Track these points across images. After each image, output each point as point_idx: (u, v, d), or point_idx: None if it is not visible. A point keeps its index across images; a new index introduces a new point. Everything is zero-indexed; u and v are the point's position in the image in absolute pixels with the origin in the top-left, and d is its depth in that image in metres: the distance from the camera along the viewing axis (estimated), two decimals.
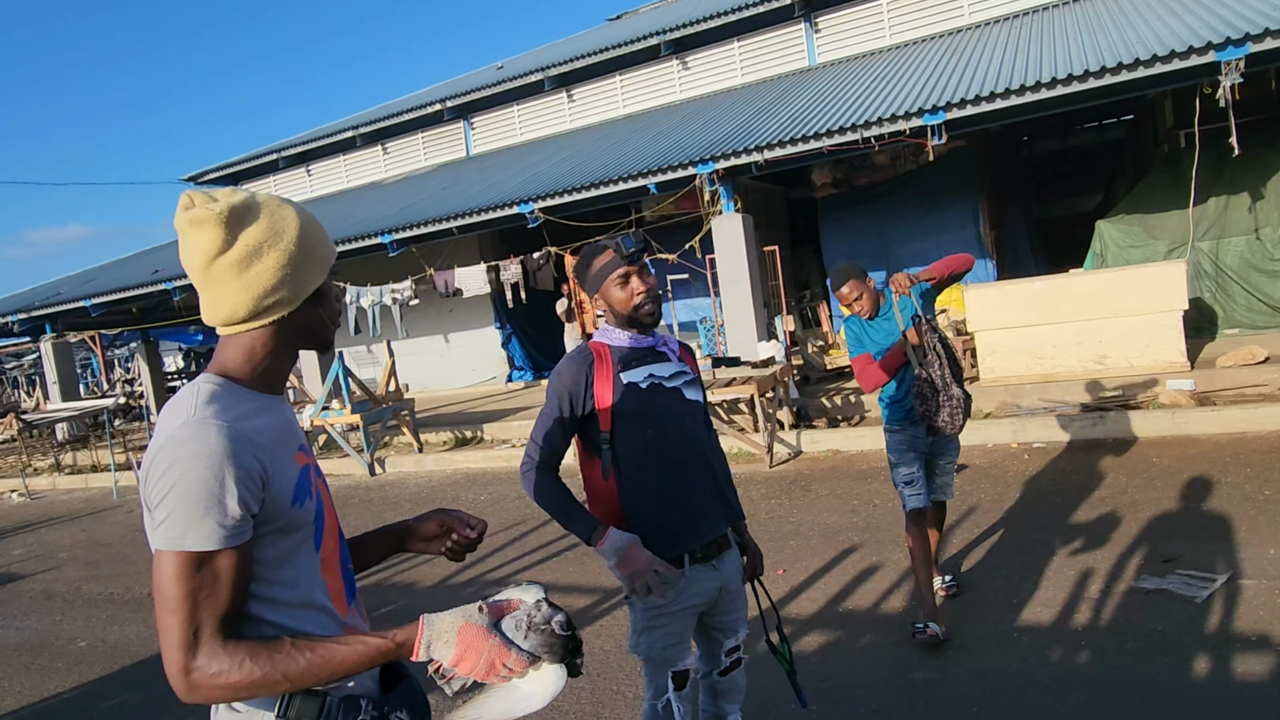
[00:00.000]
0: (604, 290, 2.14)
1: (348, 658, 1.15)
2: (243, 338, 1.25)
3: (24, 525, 9.27)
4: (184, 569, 1.10)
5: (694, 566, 2.10)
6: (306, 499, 1.24)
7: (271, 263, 1.21)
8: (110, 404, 14.34)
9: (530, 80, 14.61)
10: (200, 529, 1.10)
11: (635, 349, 2.15)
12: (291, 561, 1.23)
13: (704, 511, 2.13)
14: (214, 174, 18.54)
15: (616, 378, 2.10)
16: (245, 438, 1.15)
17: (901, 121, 7.89)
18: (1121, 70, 7.08)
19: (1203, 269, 8.61)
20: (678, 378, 2.17)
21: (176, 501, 1.10)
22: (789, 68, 13.00)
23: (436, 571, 5.27)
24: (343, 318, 1.46)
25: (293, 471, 1.23)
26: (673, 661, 2.12)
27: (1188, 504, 4.71)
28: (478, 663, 1.16)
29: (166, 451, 1.12)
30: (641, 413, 2.09)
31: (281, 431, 1.25)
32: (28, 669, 4.65)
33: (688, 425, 2.16)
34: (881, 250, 11.39)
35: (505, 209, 10.16)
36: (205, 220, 1.19)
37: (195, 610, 1.10)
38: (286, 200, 1.27)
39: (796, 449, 7.48)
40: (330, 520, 1.32)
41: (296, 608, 1.22)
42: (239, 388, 1.23)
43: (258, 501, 1.15)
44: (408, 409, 10.02)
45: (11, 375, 27.78)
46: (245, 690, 1.12)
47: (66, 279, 17.72)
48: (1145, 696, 2.87)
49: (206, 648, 1.11)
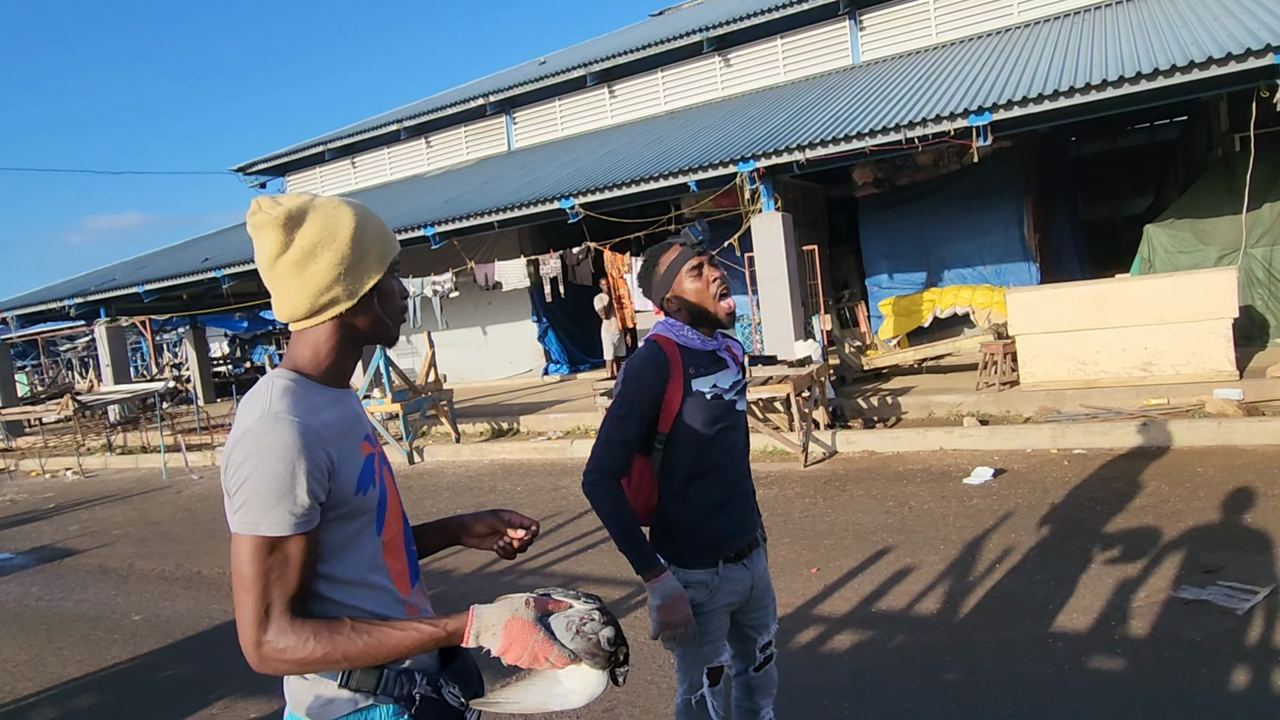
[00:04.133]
0: (677, 285, 2.08)
1: (402, 642, 1.24)
2: (308, 334, 1.34)
3: (79, 502, 9.62)
4: (258, 552, 1.20)
5: (727, 566, 2.12)
6: (370, 487, 1.32)
7: (325, 263, 1.29)
8: (160, 388, 14.76)
9: (572, 76, 14.70)
10: (272, 516, 1.19)
11: (703, 353, 2.11)
12: (355, 545, 1.31)
13: (741, 519, 2.17)
14: (261, 165, 18.94)
15: (687, 384, 2.06)
16: (315, 432, 1.23)
17: (946, 122, 7.83)
18: (1175, 73, 6.95)
19: (1255, 276, 8.42)
20: (734, 389, 2.16)
21: (252, 489, 1.19)
22: (832, 66, 12.92)
23: (474, 560, 5.39)
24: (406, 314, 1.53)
25: (358, 461, 1.31)
26: (708, 658, 2.13)
27: (1231, 515, 4.64)
28: (522, 654, 1.24)
29: (244, 444, 1.21)
30: (701, 424, 2.07)
31: (348, 423, 1.33)
32: (86, 640, 4.86)
33: (733, 436, 2.16)
34: (921, 251, 11.28)
35: (546, 204, 10.27)
36: (266, 224, 1.28)
37: (267, 589, 1.20)
38: (346, 201, 1.34)
39: (831, 449, 7.48)
40: (393, 506, 1.40)
41: (359, 587, 1.31)
42: (309, 382, 1.31)
43: (325, 491, 1.24)
44: (446, 399, 10.18)
45: (66, 357, 28.69)
46: (308, 665, 1.22)
47: (121, 265, 18.26)
48: (1182, 707, 2.86)
49: (276, 625, 1.20)
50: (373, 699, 1.29)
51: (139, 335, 24.28)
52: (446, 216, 11.18)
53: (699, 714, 2.15)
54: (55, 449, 14.00)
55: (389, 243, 1.37)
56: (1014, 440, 6.84)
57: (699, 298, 2.07)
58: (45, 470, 12.50)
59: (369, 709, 1.29)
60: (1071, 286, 8.11)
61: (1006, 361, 8.10)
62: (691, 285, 2.06)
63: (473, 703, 1.36)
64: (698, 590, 2.08)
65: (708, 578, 2.08)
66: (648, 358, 2.07)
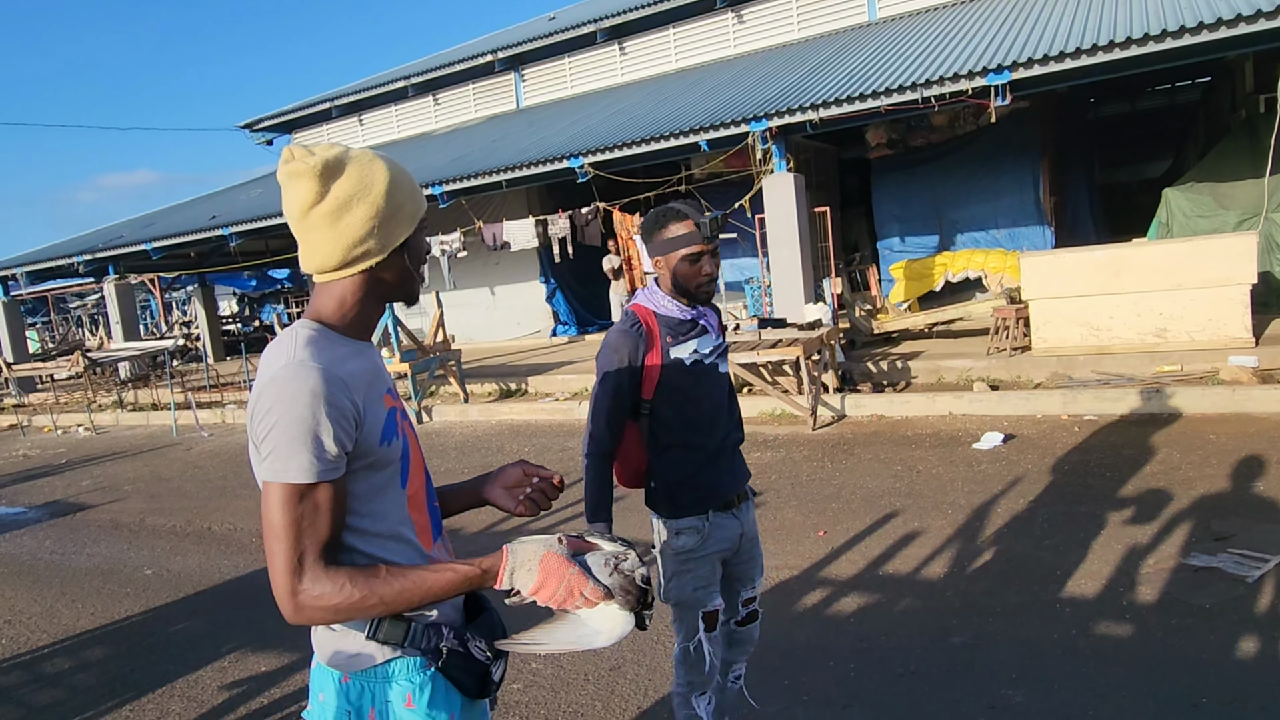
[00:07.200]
0: (670, 259, 2.15)
1: (437, 583, 1.23)
2: (334, 286, 1.32)
3: (91, 458, 9.71)
4: (287, 500, 1.19)
5: (717, 514, 2.24)
6: (394, 438, 1.32)
7: (360, 214, 1.27)
8: (170, 345, 14.82)
9: (582, 32, 14.44)
10: (300, 462, 1.18)
11: (682, 321, 2.21)
12: (380, 497, 1.31)
13: (728, 474, 2.29)
14: (268, 121, 18.77)
15: (665, 352, 2.17)
16: (339, 380, 1.22)
17: (964, 81, 7.65)
18: (1202, 30, 6.76)
19: (1274, 241, 8.27)
20: (714, 352, 2.26)
21: (280, 437, 1.18)
22: (848, 22, 12.64)
23: (482, 519, 5.42)
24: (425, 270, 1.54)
25: (381, 412, 1.31)
26: (702, 603, 2.22)
27: (1243, 482, 4.60)
28: (558, 589, 1.22)
29: (270, 391, 1.20)
30: (683, 389, 2.18)
31: (371, 374, 1.33)
32: (99, 593, 4.92)
33: (717, 397, 2.28)
34: (934, 214, 11.14)
35: (555, 163, 10.15)
36: (301, 174, 1.26)
37: (299, 538, 1.19)
38: (379, 155, 1.32)
39: (840, 412, 7.45)
40: (416, 460, 1.40)
41: (385, 539, 1.31)
42: (332, 333, 1.31)
43: (351, 439, 1.23)
44: (455, 359, 10.18)
45: (76, 315, 28.81)
46: (345, 612, 1.20)
47: (129, 222, 18.22)
48: (1189, 673, 2.85)
49: (310, 572, 1.19)
50: (400, 651, 1.29)
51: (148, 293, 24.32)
52: (454, 175, 11.07)
53: (696, 660, 2.25)
54: (67, 405, 14.11)
55: (419, 199, 1.36)
56: (1024, 406, 6.80)
57: (685, 280, 2.16)
58: (57, 426, 12.61)
59: (395, 660, 1.29)
60: (1086, 251, 7.99)
61: (1019, 326, 8.02)
62: (684, 268, 2.14)
63: (499, 643, 1.36)
64: (689, 535, 2.21)
65: (699, 523, 2.21)
66: (623, 330, 2.17)
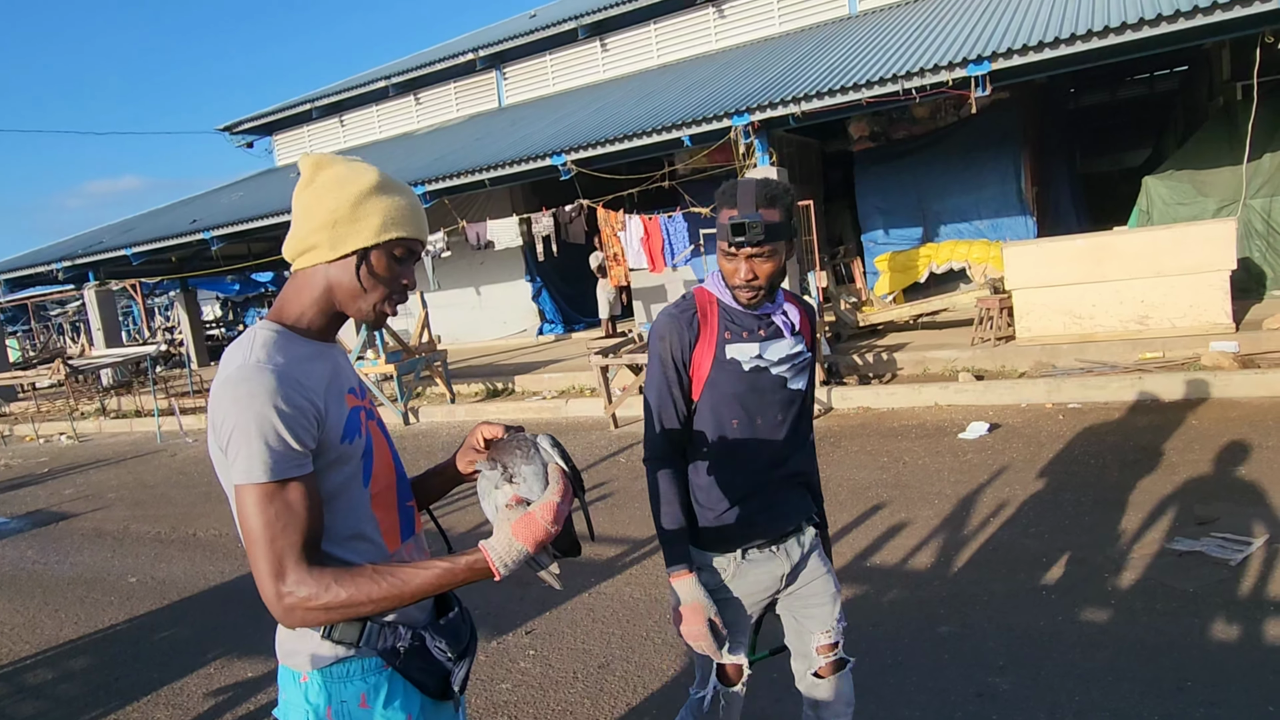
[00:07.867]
0: (718, 242, 1.80)
1: (426, 580, 1.20)
2: (295, 282, 1.35)
3: (73, 466, 9.61)
4: (260, 500, 1.18)
5: (752, 552, 1.87)
6: (355, 437, 1.31)
7: (323, 207, 1.30)
8: (152, 351, 14.67)
9: (563, 29, 14.39)
10: (265, 461, 1.17)
11: (750, 316, 1.82)
12: (343, 495, 1.30)
13: (773, 508, 1.87)
14: (248, 124, 18.62)
15: (720, 348, 1.80)
16: (294, 379, 1.22)
17: (944, 72, 7.67)
18: (1179, 18, 6.79)
19: (1253, 228, 8.34)
20: (786, 362, 1.84)
21: (241, 438, 1.17)
22: (828, 16, 12.65)
23: (469, 519, 5.39)
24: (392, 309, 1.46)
25: (343, 411, 1.31)
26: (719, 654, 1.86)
27: (1225, 467, 4.64)
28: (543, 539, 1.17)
29: (225, 393, 1.20)
30: (734, 397, 1.80)
31: (330, 374, 1.33)
32: (82, 602, 4.86)
33: (777, 416, 1.84)
34: (918, 206, 11.16)
35: (538, 160, 10.10)
36: (309, 160, 1.34)
37: (276, 539, 1.17)
38: (383, 174, 1.35)
39: (827, 405, 7.47)
40: (383, 459, 1.39)
41: (346, 539, 1.30)
42: (292, 334, 1.31)
43: (314, 437, 1.23)
44: (440, 360, 10.14)
45: (57, 322, 28.51)
46: (335, 611, 1.18)
47: (108, 228, 18.04)
48: (1174, 656, 2.87)
49: (294, 574, 1.17)
50: (355, 650, 1.28)
51: (130, 299, 24.10)
52: (437, 175, 11.00)
53: (708, 714, 1.92)
54: (48, 413, 13.96)
55: (400, 223, 1.33)
56: (1009, 395, 6.83)
57: (725, 276, 1.82)
58: (39, 435, 12.47)
59: (350, 659, 1.28)
60: (1068, 240, 8.04)
61: (1002, 316, 8.05)
62: (723, 262, 1.80)
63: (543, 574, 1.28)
64: (711, 575, 1.85)
65: (725, 563, 1.85)
66: (672, 314, 1.83)
